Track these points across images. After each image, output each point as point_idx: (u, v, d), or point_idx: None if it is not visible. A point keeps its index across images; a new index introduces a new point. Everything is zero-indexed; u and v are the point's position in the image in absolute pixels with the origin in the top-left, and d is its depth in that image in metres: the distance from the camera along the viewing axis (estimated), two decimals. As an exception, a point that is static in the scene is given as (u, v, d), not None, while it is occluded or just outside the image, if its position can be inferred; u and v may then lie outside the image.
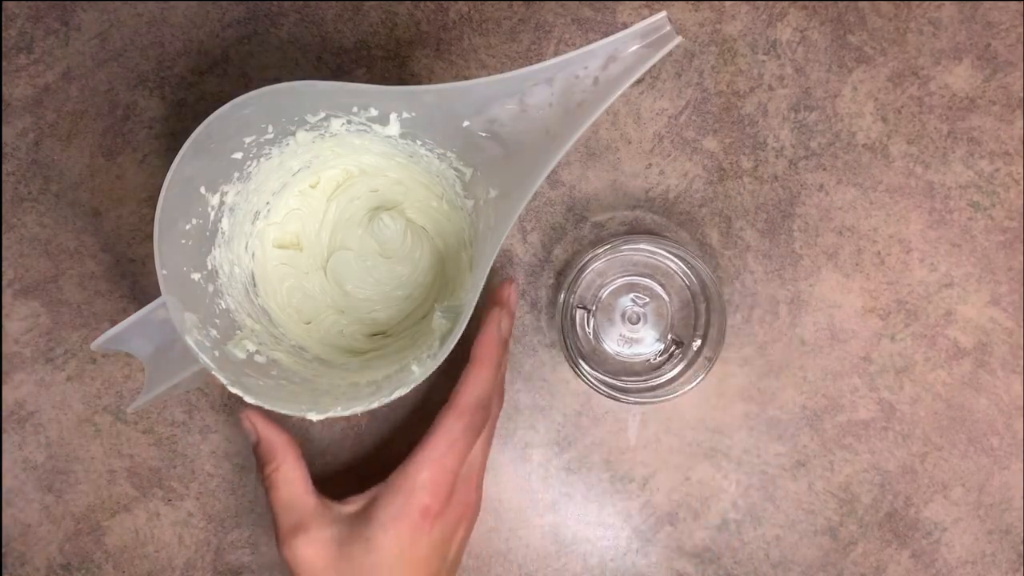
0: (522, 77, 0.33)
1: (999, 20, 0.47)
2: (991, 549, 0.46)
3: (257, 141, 0.38)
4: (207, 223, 0.38)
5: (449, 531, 0.39)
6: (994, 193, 0.47)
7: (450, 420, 0.38)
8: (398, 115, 0.36)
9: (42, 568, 0.47)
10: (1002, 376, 0.47)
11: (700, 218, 0.47)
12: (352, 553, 0.37)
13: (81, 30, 0.48)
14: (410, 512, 0.37)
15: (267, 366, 0.38)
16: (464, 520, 0.40)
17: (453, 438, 0.38)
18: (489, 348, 0.39)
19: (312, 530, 0.38)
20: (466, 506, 0.40)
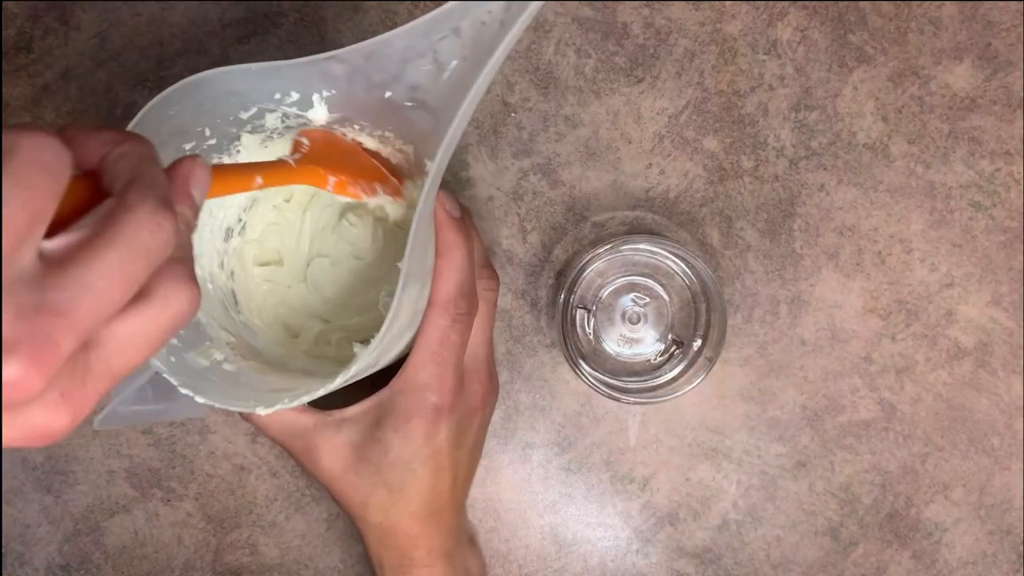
0: (425, 27, 0.31)
1: (1000, 20, 0.47)
2: (992, 550, 0.46)
3: (200, 147, 0.36)
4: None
5: (465, 422, 0.39)
6: (995, 193, 0.47)
7: (433, 318, 0.37)
8: (320, 95, 0.35)
9: (41, 568, 0.47)
10: (1003, 376, 0.46)
11: (700, 218, 0.47)
12: (369, 455, 0.38)
13: (80, 30, 0.47)
14: (421, 411, 0.37)
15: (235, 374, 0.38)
16: (479, 409, 0.39)
17: (443, 334, 0.37)
18: (447, 233, 0.37)
19: (321, 443, 0.38)
20: (479, 396, 0.39)
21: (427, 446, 0.37)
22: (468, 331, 0.38)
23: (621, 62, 0.47)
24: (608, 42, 0.47)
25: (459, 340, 0.37)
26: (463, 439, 0.39)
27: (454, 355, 0.37)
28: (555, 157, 0.47)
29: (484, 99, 0.47)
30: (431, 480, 0.38)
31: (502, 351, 0.47)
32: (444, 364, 0.37)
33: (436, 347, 0.37)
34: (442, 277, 0.37)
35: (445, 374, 0.37)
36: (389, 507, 0.38)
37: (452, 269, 0.37)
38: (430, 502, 0.38)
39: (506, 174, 0.47)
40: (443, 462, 0.38)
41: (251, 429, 0.47)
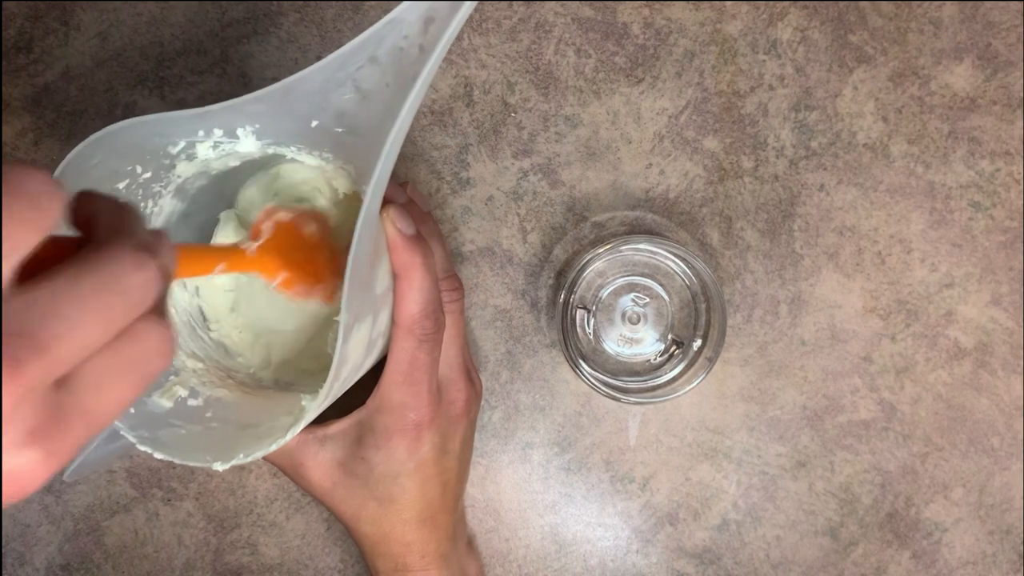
0: (340, 60, 0.30)
1: (1000, 20, 0.47)
2: (992, 550, 0.46)
3: (135, 183, 0.35)
4: None
5: (448, 431, 0.39)
6: (995, 193, 0.47)
7: (399, 340, 0.37)
8: (244, 129, 0.35)
9: (41, 568, 0.47)
10: (1003, 376, 0.46)
11: (700, 218, 0.47)
12: (355, 471, 0.38)
13: (80, 30, 0.47)
14: (402, 429, 0.37)
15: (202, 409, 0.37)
16: (462, 416, 0.40)
17: (411, 356, 0.37)
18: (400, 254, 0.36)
19: (307, 461, 0.39)
20: (460, 405, 0.40)
21: (411, 460, 0.38)
22: (438, 348, 0.38)
23: (621, 62, 0.47)
24: (608, 42, 0.47)
25: (428, 359, 0.37)
26: (449, 446, 0.39)
27: (426, 374, 0.37)
28: (555, 157, 0.47)
29: (484, 99, 0.47)
30: (420, 490, 0.38)
31: (502, 351, 0.47)
32: (417, 383, 0.37)
33: (406, 368, 0.37)
34: (403, 300, 0.36)
35: (420, 391, 0.37)
36: (380, 518, 0.39)
37: (412, 290, 0.36)
38: (422, 510, 0.39)
39: (506, 174, 0.47)
40: (430, 472, 0.38)
41: (251, 429, 0.47)
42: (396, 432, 0.37)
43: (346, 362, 0.32)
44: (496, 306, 0.47)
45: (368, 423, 0.38)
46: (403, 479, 0.38)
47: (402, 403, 0.37)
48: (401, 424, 0.37)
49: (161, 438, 0.34)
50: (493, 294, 0.47)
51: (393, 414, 0.37)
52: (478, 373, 0.43)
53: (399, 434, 0.37)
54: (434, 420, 0.38)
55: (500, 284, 0.47)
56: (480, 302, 0.47)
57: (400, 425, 0.37)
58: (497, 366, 0.47)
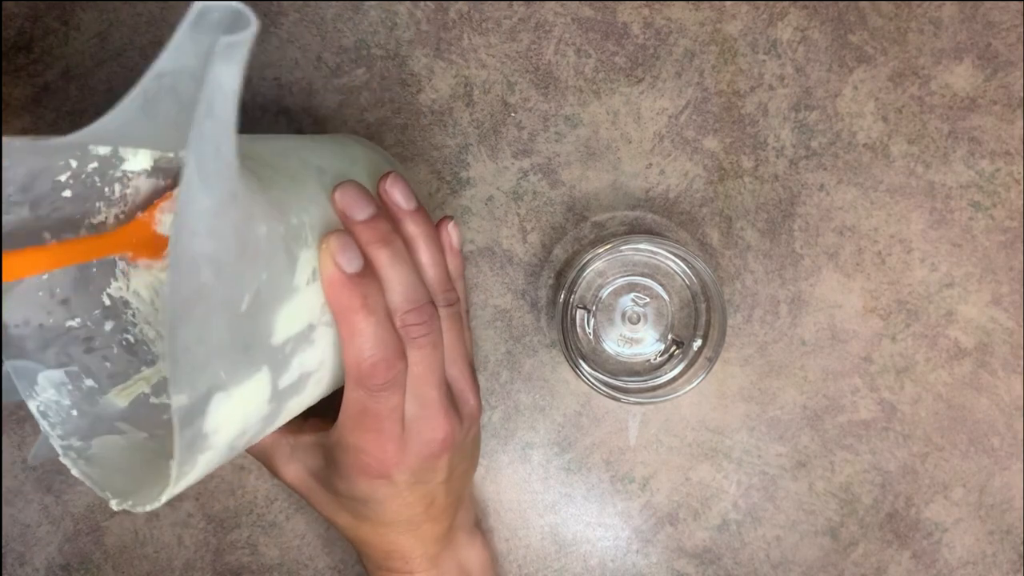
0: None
1: (1000, 20, 0.47)
2: (992, 550, 0.46)
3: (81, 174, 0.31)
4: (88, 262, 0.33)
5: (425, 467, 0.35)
6: (995, 193, 0.47)
7: (348, 389, 0.33)
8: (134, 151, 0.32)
9: (41, 568, 0.47)
10: (1003, 376, 0.46)
11: (700, 218, 0.47)
12: (325, 484, 0.36)
13: (80, 29, 0.47)
14: (361, 470, 0.34)
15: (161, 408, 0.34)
16: (441, 453, 0.35)
17: (362, 406, 0.33)
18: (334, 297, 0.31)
19: (279, 464, 0.37)
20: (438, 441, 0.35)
21: (379, 492, 0.35)
22: (397, 393, 0.33)
23: (621, 62, 0.47)
24: (608, 42, 0.47)
25: (384, 408, 0.33)
26: (428, 477, 0.36)
27: (383, 421, 0.33)
28: (555, 157, 0.47)
29: (484, 99, 0.47)
30: (396, 512, 0.36)
31: (502, 351, 0.47)
32: (372, 430, 0.33)
33: (357, 416, 0.33)
34: (346, 346, 0.32)
35: (376, 439, 0.33)
36: (357, 527, 0.37)
37: (354, 336, 0.31)
38: (402, 525, 0.36)
39: (506, 174, 0.47)
40: (408, 499, 0.35)
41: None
42: (356, 470, 0.34)
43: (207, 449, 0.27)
44: (496, 306, 0.47)
45: (331, 452, 0.35)
46: (374, 505, 0.35)
47: (359, 447, 0.34)
48: (360, 465, 0.34)
49: (92, 449, 0.32)
50: (493, 294, 0.47)
51: (350, 453, 0.34)
52: (477, 389, 0.38)
53: (359, 473, 0.34)
54: (401, 462, 0.34)
55: (500, 284, 0.47)
56: (480, 302, 0.47)
57: (359, 466, 0.34)
58: (497, 366, 0.47)
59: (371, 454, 0.34)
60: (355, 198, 0.33)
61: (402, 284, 0.33)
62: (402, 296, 0.33)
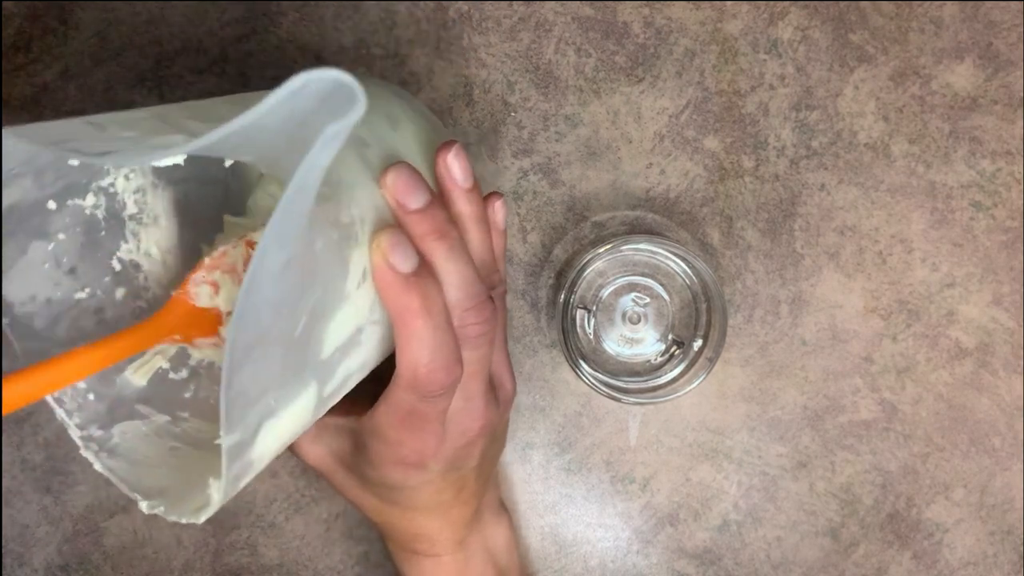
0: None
1: (1001, 19, 0.47)
2: (993, 550, 0.46)
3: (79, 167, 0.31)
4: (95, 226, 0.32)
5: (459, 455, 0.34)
6: (996, 193, 0.47)
7: (398, 390, 0.31)
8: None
9: (40, 569, 0.47)
10: (1004, 376, 0.46)
11: (701, 218, 0.47)
12: (351, 468, 0.35)
13: (79, 29, 0.47)
14: (397, 461, 0.33)
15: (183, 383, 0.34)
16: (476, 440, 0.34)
17: (410, 407, 0.31)
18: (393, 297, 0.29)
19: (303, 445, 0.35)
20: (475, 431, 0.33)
21: (411, 480, 0.34)
22: (448, 400, 0.31)
23: (621, 61, 0.47)
24: (608, 41, 0.47)
25: (435, 411, 0.31)
26: (462, 463, 0.35)
27: (429, 423, 0.32)
28: (555, 157, 0.47)
29: (484, 98, 0.47)
30: (427, 497, 0.35)
31: (502, 351, 0.47)
32: (416, 429, 0.32)
33: (403, 416, 0.31)
34: (402, 351, 0.30)
35: (419, 436, 0.32)
36: (383, 511, 0.36)
37: (412, 341, 0.29)
38: (431, 510, 0.35)
39: (506, 174, 0.47)
40: (440, 485, 0.34)
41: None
42: (390, 461, 0.33)
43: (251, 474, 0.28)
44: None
45: (361, 439, 0.33)
46: (405, 491, 0.34)
47: (397, 440, 0.32)
48: (396, 456, 0.33)
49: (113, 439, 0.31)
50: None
51: (387, 445, 0.32)
52: (512, 372, 0.37)
53: (393, 464, 0.33)
54: (438, 452, 0.33)
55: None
56: (480, 302, 0.47)
57: (395, 457, 0.33)
58: (497, 366, 0.47)
59: (410, 447, 0.32)
60: (408, 184, 0.30)
61: (461, 279, 0.31)
62: (462, 292, 0.31)
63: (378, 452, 0.33)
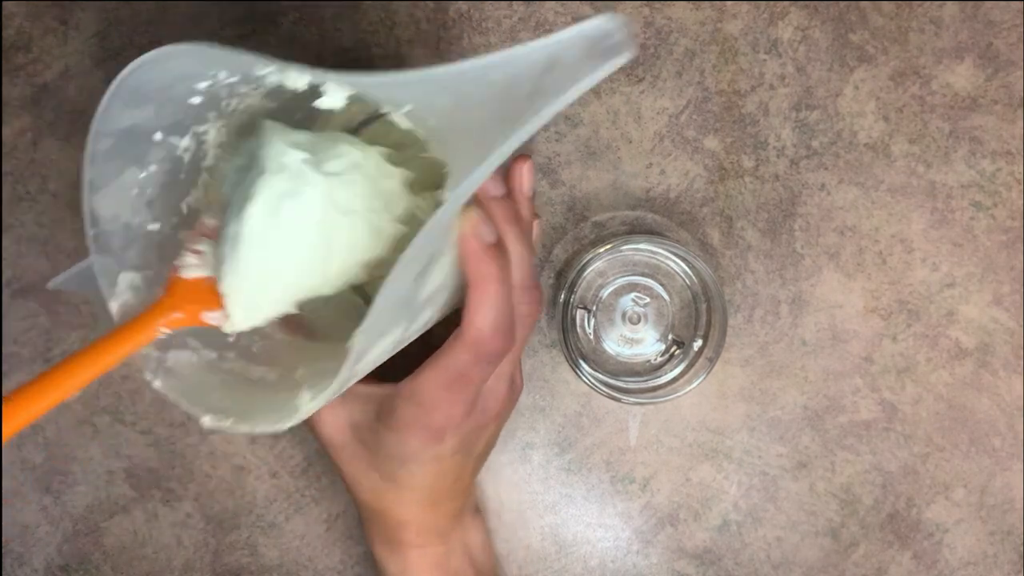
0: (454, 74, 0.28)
1: (1001, 19, 0.47)
2: (993, 550, 0.46)
3: (217, 86, 0.33)
4: (178, 167, 0.35)
5: (473, 435, 0.36)
6: (996, 193, 0.47)
7: (457, 350, 0.33)
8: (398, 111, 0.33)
9: (40, 569, 0.47)
10: (1004, 376, 0.46)
11: (701, 218, 0.47)
12: (365, 440, 0.36)
13: (80, 29, 0.47)
14: (423, 425, 0.34)
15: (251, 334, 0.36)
16: (491, 422, 0.37)
17: (464, 369, 0.33)
18: (475, 264, 0.32)
19: (323, 412, 0.36)
20: (495, 411, 0.36)
21: (425, 454, 0.35)
22: (493, 370, 0.34)
23: (621, 61, 0.47)
24: (608, 41, 0.47)
25: (480, 377, 0.34)
26: (471, 447, 0.37)
27: (471, 388, 0.34)
28: (555, 157, 0.47)
29: (484, 99, 0.47)
30: (429, 479, 0.36)
31: (502, 351, 0.47)
32: (458, 393, 0.34)
33: (452, 377, 0.33)
34: (473, 313, 0.32)
35: (457, 401, 0.34)
36: (381, 492, 0.37)
37: (484, 305, 0.32)
38: (426, 496, 0.37)
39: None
40: (444, 466, 0.36)
41: (251, 429, 0.47)
42: (416, 426, 0.34)
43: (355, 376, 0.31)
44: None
45: (390, 404, 0.35)
46: (412, 466, 0.35)
47: (433, 404, 0.34)
48: (424, 421, 0.34)
49: (168, 362, 0.33)
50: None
51: (420, 408, 0.34)
52: (521, 371, 0.40)
53: (418, 429, 0.34)
54: (460, 427, 0.35)
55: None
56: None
57: (422, 422, 0.34)
58: (497, 366, 0.47)
59: (441, 412, 0.34)
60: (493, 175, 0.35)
61: (524, 261, 0.35)
62: (523, 272, 0.35)
63: (406, 416, 0.35)
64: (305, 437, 0.47)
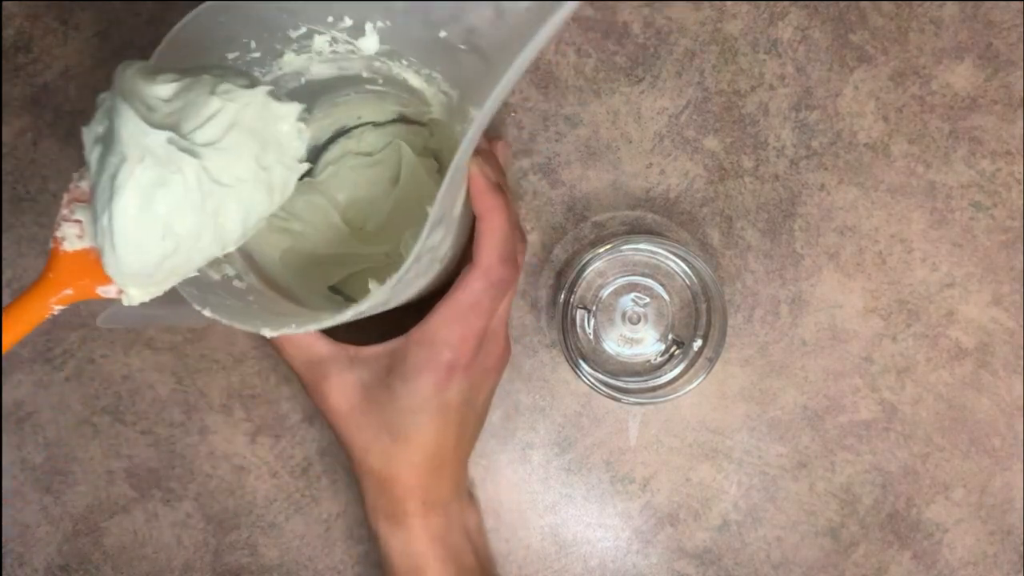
0: None
1: (1000, 19, 0.47)
2: (992, 550, 0.46)
3: (242, 59, 0.36)
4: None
5: (477, 382, 0.38)
6: (995, 193, 0.47)
7: (470, 280, 0.36)
8: (373, 24, 0.35)
9: (40, 569, 0.47)
10: (1004, 376, 0.46)
11: (701, 218, 0.47)
12: (376, 397, 0.37)
13: (80, 29, 0.47)
14: (434, 366, 0.36)
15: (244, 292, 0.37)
16: (493, 371, 0.39)
17: (476, 298, 0.36)
18: (485, 198, 0.36)
19: (332, 375, 0.38)
20: (495, 358, 0.39)
21: (435, 400, 0.37)
22: (502, 298, 0.37)
23: (621, 62, 0.47)
24: (608, 42, 0.47)
25: (490, 306, 0.36)
26: (474, 397, 0.38)
27: (481, 320, 0.36)
28: (555, 157, 0.47)
29: (484, 99, 0.47)
30: (436, 434, 0.37)
31: (502, 351, 0.47)
32: (469, 326, 0.36)
33: (465, 309, 0.36)
34: (485, 241, 0.36)
35: (467, 335, 0.36)
36: (391, 455, 0.38)
37: (494, 233, 0.36)
38: (433, 455, 0.38)
39: (506, 174, 0.47)
40: (450, 418, 0.37)
41: (251, 429, 0.47)
42: (428, 367, 0.36)
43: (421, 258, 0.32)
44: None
45: (402, 353, 0.37)
46: (422, 417, 0.37)
47: (444, 341, 0.36)
48: (436, 361, 0.36)
49: (209, 300, 0.34)
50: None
51: (432, 348, 0.36)
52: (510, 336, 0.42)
53: (430, 370, 0.36)
54: (469, 366, 0.37)
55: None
56: (480, 302, 0.47)
57: (435, 362, 0.36)
58: (497, 366, 0.47)
59: (451, 348, 0.36)
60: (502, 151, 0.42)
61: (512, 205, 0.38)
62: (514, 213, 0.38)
63: (418, 359, 0.36)
64: (305, 437, 0.47)
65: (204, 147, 0.30)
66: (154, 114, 0.29)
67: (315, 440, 0.47)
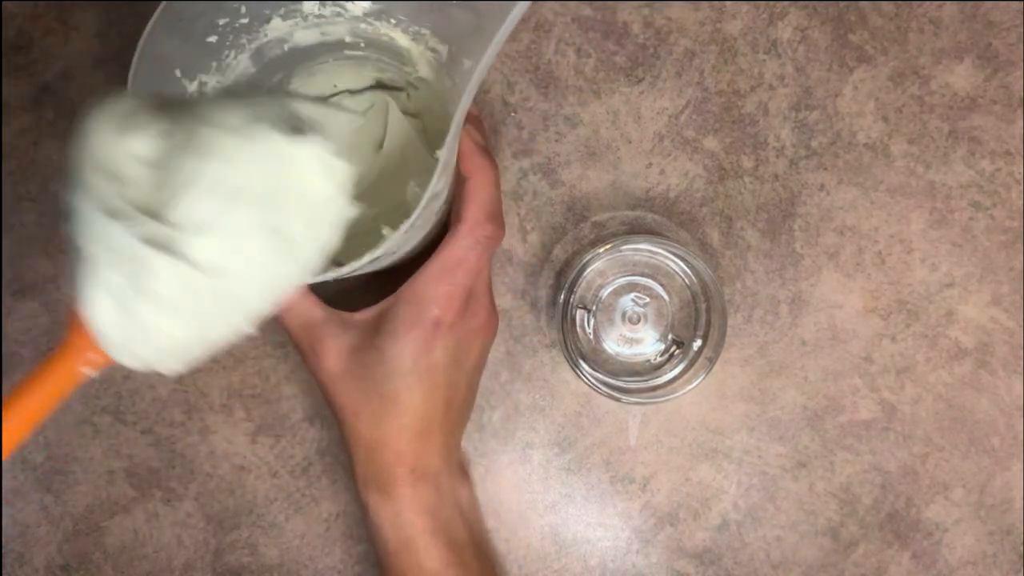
0: None
1: (1000, 19, 0.47)
2: (992, 550, 0.46)
3: (232, 26, 0.36)
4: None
5: (465, 342, 0.39)
6: (995, 193, 0.47)
7: (458, 237, 0.37)
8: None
9: (41, 568, 0.47)
10: (1003, 376, 0.46)
11: (701, 218, 0.47)
12: (365, 360, 0.38)
13: (80, 29, 0.47)
14: (421, 322, 0.37)
15: None
16: (480, 333, 0.39)
17: (463, 254, 0.37)
18: (473, 158, 0.37)
19: (327, 340, 0.38)
20: (482, 319, 0.39)
21: (423, 359, 0.37)
22: (487, 256, 0.38)
23: (621, 62, 0.47)
24: (608, 42, 0.47)
25: (476, 264, 0.37)
26: (462, 359, 0.39)
27: (467, 277, 0.37)
28: (555, 157, 0.47)
29: (483, 99, 0.47)
30: (424, 396, 0.38)
31: (502, 351, 0.47)
32: (455, 284, 0.37)
33: (452, 265, 0.37)
34: (472, 198, 0.37)
35: (454, 292, 0.37)
36: (380, 418, 0.38)
37: (482, 190, 0.37)
38: (421, 418, 0.38)
39: (506, 174, 0.47)
40: (438, 379, 0.38)
41: (251, 429, 0.47)
42: (415, 325, 0.37)
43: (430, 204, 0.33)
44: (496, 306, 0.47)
45: (391, 313, 0.37)
46: (410, 378, 0.37)
47: (431, 298, 0.37)
48: (422, 318, 0.37)
49: None
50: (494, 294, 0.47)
51: (418, 305, 0.37)
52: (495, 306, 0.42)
53: (418, 327, 0.37)
54: (454, 324, 0.37)
55: (500, 284, 0.47)
56: (480, 302, 0.47)
57: (421, 319, 0.37)
58: (497, 366, 0.47)
59: (440, 305, 0.37)
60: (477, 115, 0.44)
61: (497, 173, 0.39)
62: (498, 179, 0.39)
63: (405, 316, 0.37)
64: (305, 437, 0.47)
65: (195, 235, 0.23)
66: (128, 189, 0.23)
67: (315, 440, 0.47)
